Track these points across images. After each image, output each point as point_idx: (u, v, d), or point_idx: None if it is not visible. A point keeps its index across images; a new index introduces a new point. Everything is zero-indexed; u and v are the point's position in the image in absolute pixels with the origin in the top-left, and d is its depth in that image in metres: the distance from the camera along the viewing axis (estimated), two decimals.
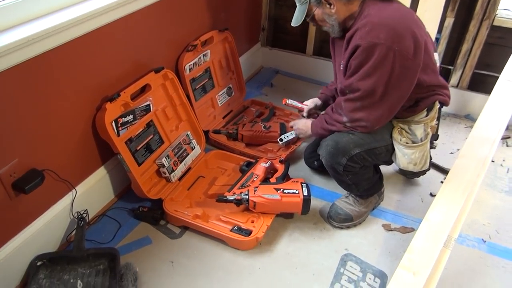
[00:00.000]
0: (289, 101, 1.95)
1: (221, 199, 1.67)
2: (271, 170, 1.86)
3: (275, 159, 1.91)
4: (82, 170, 1.68)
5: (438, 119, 1.64)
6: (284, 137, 1.94)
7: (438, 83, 1.55)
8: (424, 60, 1.41)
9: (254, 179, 1.77)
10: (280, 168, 1.86)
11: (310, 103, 1.90)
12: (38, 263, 1.47)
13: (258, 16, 2.78)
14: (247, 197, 1.64)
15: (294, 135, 1.90)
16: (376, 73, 1.36)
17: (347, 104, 1.47)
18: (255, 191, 1.66)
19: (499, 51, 2.26)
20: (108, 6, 1.49)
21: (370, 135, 1.52)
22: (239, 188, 1.72)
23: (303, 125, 1.78)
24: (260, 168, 1.81)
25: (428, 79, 1.48)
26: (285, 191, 1.66)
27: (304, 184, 1.69)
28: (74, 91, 1.51)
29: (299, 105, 1.94)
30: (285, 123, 2.16)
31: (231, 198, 1.66)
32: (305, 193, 1.65)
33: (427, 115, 1.56)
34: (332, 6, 1.44)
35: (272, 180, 1.77)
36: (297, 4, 1.52)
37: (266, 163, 1.83)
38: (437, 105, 1.58)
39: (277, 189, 1.66)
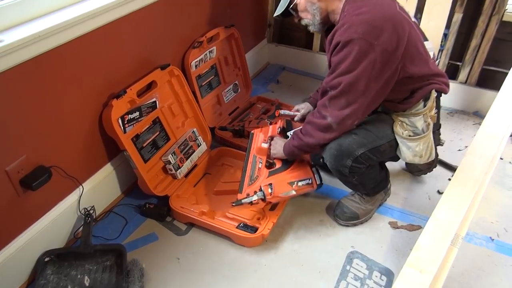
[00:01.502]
0: (282, 112, 1.91)
1: (238, 204, 1.62)
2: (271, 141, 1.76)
3: (269, 125, 1.80)
4: (89, 167, 1.69)
5: (438, 108, 1.60)
6: (290, 134, 1.93)
7: (431, 72, 1.51)
8: (410, 51, 1.39)
9: (260, 166, 1.70)
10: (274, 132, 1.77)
11: (303, 108, 1.87)
12: (46, 259, 1.48)
13: (264, 12, 2.77)
14: (263, 197, 1.60)
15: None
16: (357, 68, 1.34)
17: (332, 102, 1.40)
18: (270, 191, 1.59)
19: (508, 47, 2.23)
20: (114, 3, 1.49)
21: (372, 133, 1.50)
22: (249, 185, 1.66)
23: (278, 144, 1.68)
24: (261, 150, 1.73)
25: (418, 70, 1.45)
26: (299, 183, 1.63)
27: (314, 169, 1.66)
28: (81, 88, 1.52)
29: (291, 113, 1.91)
30: (291, 121, 2.15)
31: (248, 200, 1.61)
32: (318, 181, 1.65)
33: (424, 106, 1.53)
34: None
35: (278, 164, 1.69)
36: None
37: (266, 142, 1.74)
38: (434, 94, 1.54)
39: (291, 183, 1.63)
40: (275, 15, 1.55)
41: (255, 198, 1.59)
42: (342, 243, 1.65)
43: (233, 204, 1.61)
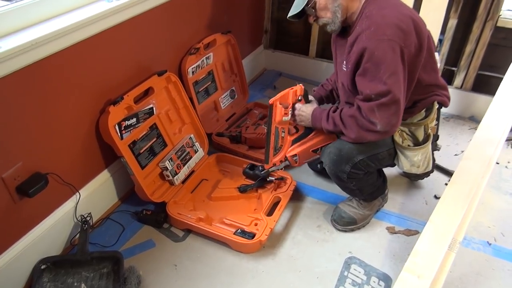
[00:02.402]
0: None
1: (266, 174, 1.77)
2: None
3: (289, 91, 1.68)
4: (86, 174, 1.68)
5: (437, 120, 1.62)
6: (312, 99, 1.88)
7: (437, 83, 1.53)
8: (425, 58, 1.40)
9: (282, 135, 1.68)
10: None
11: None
12: (42, 267, 1.47)
13: (261, 18, 2.78)
14: (289, 165, 1.73)
15: None
16: (398, 69, 1.33)
17: (382, 109, 1.37)
18: (295, 159, 1.69)
19: (503, 52, 2.25)
20: (111, 10, 1.50)
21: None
22: (275, 155, 1.70)
23: (305, 113, 1.62)
24: (283, 122, 1.66)
25: (428, 78, 1.46)
26: (324, 149, 1.60)
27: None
28: (77, 94, 1.52)
29: None
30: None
31: (275, 169, 1.74)
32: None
33: (426, 116, 1.54)
34: None
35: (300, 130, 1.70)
36: None
37: (287, 115, 1.66)
38: (436, 106, 1.56)
39: (315, 151, 1.65)
40: (289, 15, 1.47)
41: (281, 166, 1.72)
42: (340, 248, 1.65)
43: (263, 173, 1.78)
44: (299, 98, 1.66)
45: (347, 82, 1.49)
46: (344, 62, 1.49)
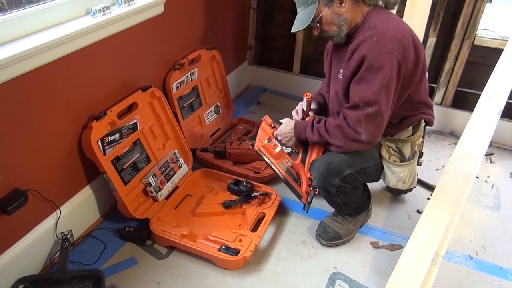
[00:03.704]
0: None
1: (309, 207, 1.68)
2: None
3: (261, 129, 1.75)
4: (67, 190, 1.65)
5: (423, 137, 1.66)
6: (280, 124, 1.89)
7: (426, 101, 1.57)
8: (420, 76, 1.44)
9: (290, 165, 1.71)
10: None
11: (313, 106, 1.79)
12: (20, 286, 1.42)
13: (245, 35, 2.82)
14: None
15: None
16: (390, 83, 1.35)
17: (368, 120, 1.39)
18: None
19: (480, 69, 2.31)
20: (94, 26, 1.50)
21: (360, 154, 1.52)
22: (300, 185, 1.69)
23: (287, 135, 1.64)
24: (279, 155, 1.71)
25: (418, 95, 1.50)
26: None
27: None
28: (59, 110, 1.50)
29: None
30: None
31: (312, 195, 1.65)
32: None
33: (413, 134, 1.58)
34: (343, 4, 1.40)
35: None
36: (299, 8, 1.46)
37: (268, 140, 1.71)
38: (423, 124, 1.61)
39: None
40: (294, 30, 1.48)
41: (314, 190, 1.63)
42: (325, 264, 1.65)
43: (307, 211, 1.69)
44: (273, 126, 1.71)
45: (341, 90, 1.50)
46: (341, 70, 1.50)
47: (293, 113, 1.74)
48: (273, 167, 1.75)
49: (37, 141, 1.45)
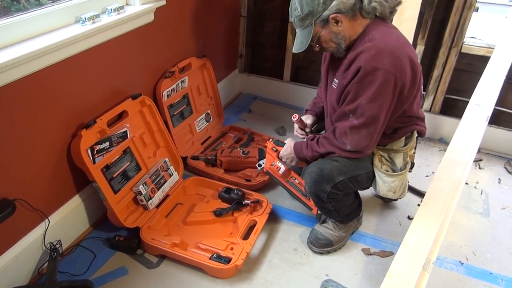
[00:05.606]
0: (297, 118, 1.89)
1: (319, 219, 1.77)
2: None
3: (268, 153, 1.84)
4: (56, 199, 1.63)
5: (415, 148, 1.68)
6: (263, 163, 1.95)
7: (418, 115, 1.59)
8: (416, 91, 1.46)
9: (298, 181, 1.77)
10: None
11: (307, 119, 1.83)
12: None
13: (236, 43, 2.83)
14: None
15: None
16: (380, 98, 1.36)
17: (354, 132, 1.43)
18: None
19: (467, 76, 2.35)
20: (84, 34, 1.49)
21: (353, 162, 1.52)
22: (309, 199, 1.73)
23: (289, 156, 1.71)
24: (285, 173, 1.78)
25: (413, 111, 1.53)
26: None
27: None
28: (48, 118, 1.49)
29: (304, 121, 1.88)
30: (264, 148, 2.16)
31: None
32: None
33: (405, 144, 1.59)
34: (339, 23, 1.39)
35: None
36: (297, 30, 1.46)
37: (279, 166, 1.79)
38: (415, 135, 1.62)
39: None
40: (295, 51, 1.49)
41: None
42: (316, 271, 1.64)
43: (319, 221, 1.77)
44: (275, 150, 1.79)
45: (335, 100, 1.51)
46: (335, 79, 1.51)
47: (295, 133, 1.83)
48: (284, 187, 1.83)
49: (25, 149, 1.43)
